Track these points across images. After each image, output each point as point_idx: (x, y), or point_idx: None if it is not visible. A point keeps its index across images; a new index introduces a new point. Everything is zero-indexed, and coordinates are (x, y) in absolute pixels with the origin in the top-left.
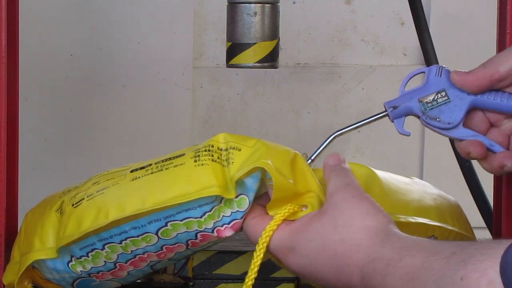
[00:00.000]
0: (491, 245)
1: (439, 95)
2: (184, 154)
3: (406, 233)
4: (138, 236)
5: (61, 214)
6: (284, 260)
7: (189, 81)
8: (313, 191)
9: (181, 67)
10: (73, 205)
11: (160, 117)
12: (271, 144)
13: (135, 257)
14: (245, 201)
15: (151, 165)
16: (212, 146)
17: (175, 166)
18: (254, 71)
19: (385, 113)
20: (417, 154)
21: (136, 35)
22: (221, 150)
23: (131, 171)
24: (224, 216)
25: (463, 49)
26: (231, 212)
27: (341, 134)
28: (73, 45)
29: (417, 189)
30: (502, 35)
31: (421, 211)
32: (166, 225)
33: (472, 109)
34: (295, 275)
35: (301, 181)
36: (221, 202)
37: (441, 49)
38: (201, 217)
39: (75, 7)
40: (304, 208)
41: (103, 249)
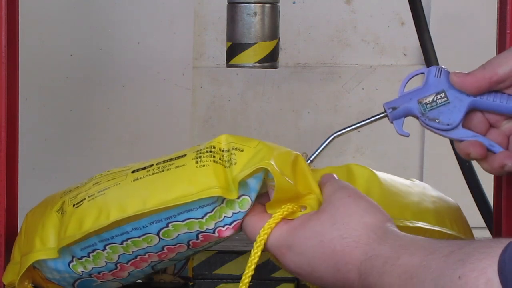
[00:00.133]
0: (490, 244)
1: (439, 96)
2: (185, 155)
3: None
4: (139, 236)
5: (62, 214)
6: (281, 258)
7: (189, 81)
8: (313, 193)
9: (181, 67)
10: (74, 205)
11: (160, 117)
12: (273, 145)
13: (136, 257)
14: (247, 202)
15: (152, 165)
16: (213, 147)
17: (176, 167)
18: (254, 71)
19: (384, 114)
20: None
21: (136, 35)
22: (222, 151)
23: (132, 172)
24: (225, 216)
25: (463, 49)
26: (233, 212)
27: (340, 134)
28: (73, 45)
29: (417, 191)
30: (502, 35)
31: (419, 214)
32: (167, 225)
33: (471, 110)
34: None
35: (302, 182)
36: (222, 202)
37: (441, 49)
38: (202, 218)
39: (75, 7)
40: (303, 209)
41: (104, 249)
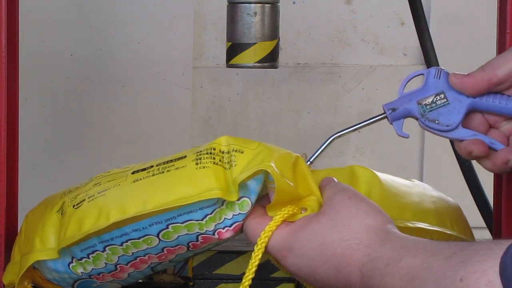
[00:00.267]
0: (491, 245)
1: (438, 97)
2: (185, 156)
3: None
4: (139, 238)
5: (62, 215)
6: (282, 261)
7: (189, 81)
8: (314, 194)
9: (181, 67)
10: (74, 206)
11: (160, 117)
12: (273, 147)
13: (136, 259)
14: (247, 204)
15: (152, 167)
16: (214, 149)
17: (176, 168)
18: (254, 71)
19: (384, 115)
20: (417, 154)
21: (136, 35)
22: (223, 153)
23: (133, 173)
24: (225, 218)
25: (463, 49)
26: (233, 214)
27: (340, 136)
28: (73, 45)
29: (417, 191)
30: (502, 35)
31: (420, 214)
32: (167, 227)
33: (471, 111)
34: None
35: (302, 184)
36: (222, 204)
37: (441, 49)
38: (202, 220)
39: (75, 7)
40: (303, 210)
41: (104, 250)
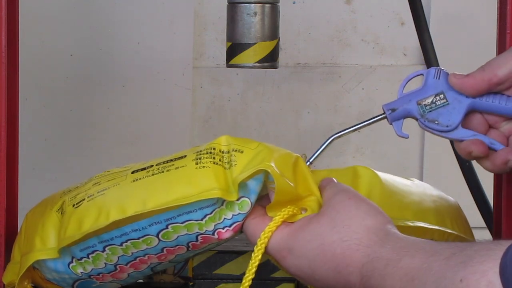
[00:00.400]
0: (491, 246)
1: (438, 98)
2: (185, 156)
3: None
4: (138, 238)
5: (62, 214)
6: (282, 261)
7: (189, 81)
8: (314, 194)
9: (181, 67)
10: (73, 205)
11: (160, 117)
12: (273, 147)
13: (135, 259)
14: (247, 204)
15: (152, 166)
16: (213, 148)
17: (176, 168)
18: (254, 71)
19: (383, 116)
20: (417, 154)
21: (136, 35)
22: (222, 152)
23: (132, 172)
24: (225, 218)
25: (463, 49)
26: (233, 214)
27: (339, 136)
28: (73, 45)
29: (417, 191)
30: (502, 35)
31: (420, 214)
32: (167, 227)
33: (470, 111)
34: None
35: (302, 184)
36: (222, 204)
37: (441, 49)
38: (202, 220)
39: (75, 7)
40: (303, 211)
41: (104, 251)
